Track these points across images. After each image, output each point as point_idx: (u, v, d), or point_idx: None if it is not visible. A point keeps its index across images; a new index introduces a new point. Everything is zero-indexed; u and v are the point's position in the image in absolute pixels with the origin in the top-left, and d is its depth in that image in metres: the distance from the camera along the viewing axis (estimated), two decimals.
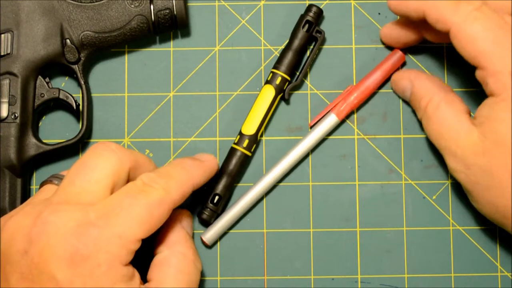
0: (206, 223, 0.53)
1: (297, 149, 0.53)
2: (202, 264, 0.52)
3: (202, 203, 0.52)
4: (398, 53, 0.53)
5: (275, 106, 0.53)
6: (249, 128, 0.53)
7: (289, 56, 0.53)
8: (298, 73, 0.54)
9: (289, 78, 0.53)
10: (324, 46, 0.55)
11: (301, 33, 0.53)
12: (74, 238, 0.40)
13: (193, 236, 0.51)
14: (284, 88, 0.53)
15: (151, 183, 0.43)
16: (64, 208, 0.41)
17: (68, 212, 0.41)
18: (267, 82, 0.53)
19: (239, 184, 0.54)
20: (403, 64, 0.54)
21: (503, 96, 0.45)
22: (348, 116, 0.54)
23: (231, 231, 0.53)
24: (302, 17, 0.53)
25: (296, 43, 0.53)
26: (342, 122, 0.54)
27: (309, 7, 0.53)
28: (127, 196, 0.42)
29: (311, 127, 0.54)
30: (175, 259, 0.45)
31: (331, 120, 0.53)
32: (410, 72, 0.52)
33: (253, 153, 0.54)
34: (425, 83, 0.50)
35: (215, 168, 0.49)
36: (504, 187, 0.45)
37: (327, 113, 0.53)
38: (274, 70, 0.53)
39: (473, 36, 0.46)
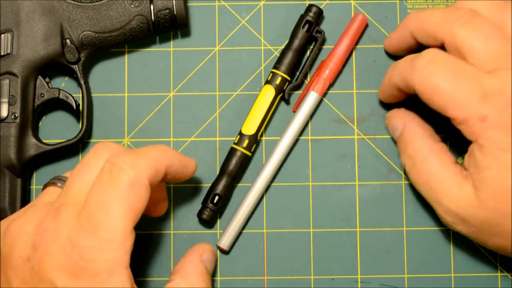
0: (206, 223, 0.53)
1: (288, 134, 0.53)
2: None
3: (202, 203, 0.52)
4: (359, 16, 0.53)
5: (275, 106, 0.53)
6: (249, 128, 0.53)
7: (289, 56, 0.53)
8: (298, 73, 0.54)
9: (289, 78, 0.53)
10: (324, 46, 0.55)
11: (301, 33, 0.53)
12: (70, 248, 0.39)
13: (213, 272, 0.51)
14: (284, 88, 0.53)
15: (118, 162, 0.41)
16: (61, 213, 0.41)
17: (63, 219, 0.40)
18: (267, 82, 0.53)
19: (239, 184, 0.54)
20: (366, 26, 0.54)
21: (479, 142, 0.44)
22: (327, 89, 0.54)
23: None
24: (302, 17, 0.53)
25: (296, 43, 0.53)
26: (323, 97, 0.53)
27: (309, 7, 0.53)
28: (100, 193, 0.40)
29: (294, 111, 0.54)
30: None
31: (312, 97, 0.53)
32: (406, 113, 0.51)
33: (253, 153, 0.54)
34: (416, 129, 0.49)
35: (193, 164, 0.48)
36: (510, 232, 0.44)
37: (307, 93, 0.53)
38: (274, 70, 0.53)
39: (433, 91, 0.45)
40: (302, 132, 0.54)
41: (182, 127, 0.54)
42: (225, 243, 0.52)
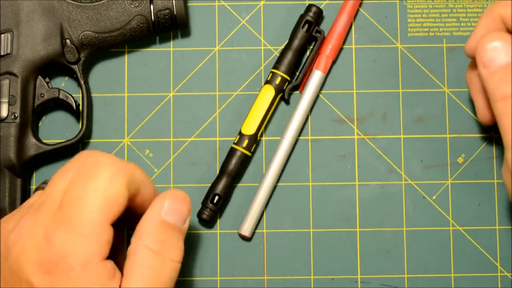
0: (206, 223, 0.53)
1: (298, 112, 0.53)
2: (202, 264, 0.52)
3: (202, 203, 0.52)
4: None
5: (275, 106, 0.53)
6: (249, 128, 0.52)
7: (288, 56, 0.53)
8: (298, 73, 0.54)
9: (288, 78, 0.53)
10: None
11: (301, 33, 0.53)
12: (44, 244, 0.39)
13: (187, 222, 0.44)
14: (284, 88, 0.53)
15: (99, 158, 0.41)
16: (40, 212, 0.40)
17: (41, 216, 0.40)
18: (266, 82, 0.53)
19: (239, 184, 0.54)
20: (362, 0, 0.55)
21: None
22: (331, 67, 0.54)
23: (231, 231, 0.53)
24: (301, 17, 0.53)
25: (296, 43, 0.53)
26: (327, 75, 0.54)
27: (309, 7, 0.53)
28: (77, 187, 0.40)
29: (301, 92, 0.54)
30: (140, 253, 0.40)
31: (317, 76, 0.53)
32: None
33: (253, 153, 0.53)
34: None
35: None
36: None
37: (310, 72, 0.53)
38: (274, 70, 0.53)
39: None
40: (304, 126, 0.54)
41: (182, 127, 0.54)
42: (246, 229, 0.52)
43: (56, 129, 0.54)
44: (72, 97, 0.52)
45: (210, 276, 0.53)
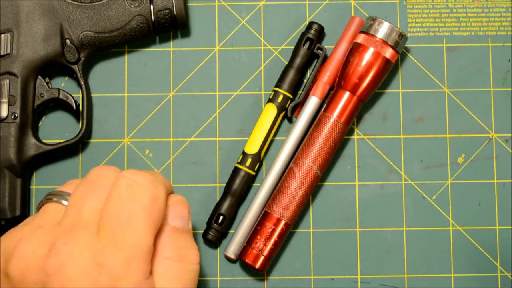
0: (212, 243, 0.53)
1: (291, 138, 0.53)
2: (203, 264, 0.52)
3: (207, 223, 0.52)
4: (357, 19, 0.53)
5: (277, 124, 0.53)
6: (252, 147, 0.52)
7: (290, 74, 0.53)
8: (300, 92, 0.54)
9: (291, 96, 0.53)
10: (324, 46, 0.54)
11: (303, 50, 0.53)
12: (95, 270, 0.38)
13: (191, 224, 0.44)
14: (287, 106, 0.53)
15: (137, 179, 0.40)
16: (76, 236, 0.39)
17: (80, 240, 0.39)
18: (269, 100, 0.53)
19: None
20: None
21: None
22: (328, 93, 0.53)
23: (231, 231, 0.53)
24: (303, 34, 0.53)
25: (298, 61, 0.53)
26: (324, 101, 0.53)
27: (310, 24, 0.53)
28: (121, 210, 0.39)
29: (296, 117, 0.53)
30: (163, 266, 0.41)
31: (313, 102, 0.53)
32: None
33: (257, 172, 0.53)
34: None
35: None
36: None
37: (307, 97, 0.53)
38: (276, 89, 0.53)
39: None
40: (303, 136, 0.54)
41: (182, 127, 0.54)
42: (232, 251, 0.52)
43: (56, 129, 0.54)
44: (72, 97, 0.52)
45: (210, 277, 0.53)
